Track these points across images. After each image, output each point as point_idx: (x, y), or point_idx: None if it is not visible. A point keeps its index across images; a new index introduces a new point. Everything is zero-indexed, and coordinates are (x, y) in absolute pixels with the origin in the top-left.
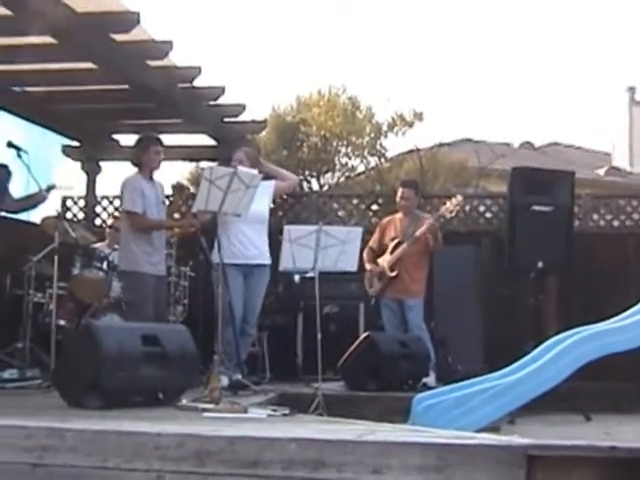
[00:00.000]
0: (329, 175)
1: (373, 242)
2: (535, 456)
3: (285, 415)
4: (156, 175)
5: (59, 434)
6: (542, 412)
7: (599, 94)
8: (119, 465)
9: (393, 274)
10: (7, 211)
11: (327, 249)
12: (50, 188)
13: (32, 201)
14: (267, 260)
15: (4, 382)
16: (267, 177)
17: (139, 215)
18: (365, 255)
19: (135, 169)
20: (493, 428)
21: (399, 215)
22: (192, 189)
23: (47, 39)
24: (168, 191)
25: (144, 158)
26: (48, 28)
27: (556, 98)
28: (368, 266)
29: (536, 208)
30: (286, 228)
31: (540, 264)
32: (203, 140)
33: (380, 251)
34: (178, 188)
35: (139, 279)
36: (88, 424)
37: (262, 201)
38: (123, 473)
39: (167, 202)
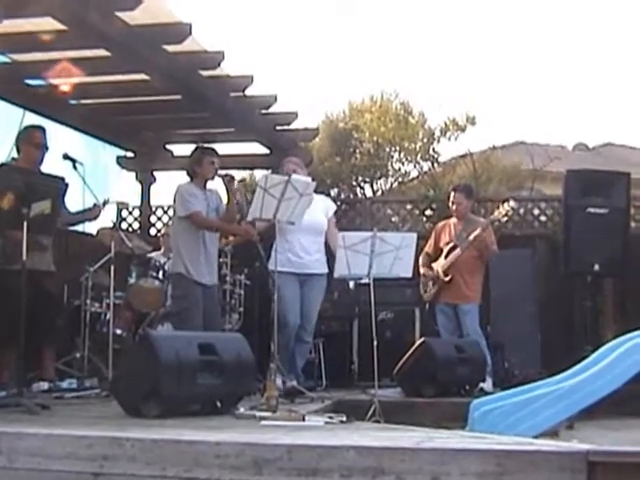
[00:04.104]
0: (382, 181)
1: (428, 247)
2: (596, 462)
3: (342, 422)
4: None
5: (119, 443)
6: (601, 417)
7: None
8: (179, 474)
9: (447, 279)
10: (62, 224)
11: (382, 255)
12: (105, 203)
13: (88, 215)
14: (324, 269)
15: (63, 392)
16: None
17: (199, 213)
18: (421, 260)
19: (189, 180)
20: (552, 433)
21: (453, 219)
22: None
23: (101, 52)
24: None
25: (198, 169)
26: (102, 41)
27: (609, 98)
28: (423, 271)
29: (591, 210)
30: (340, 235)
31: (596, 267)
32: (256, 148)
33: (435, 256)
34: (225, 177)
35: (187, 286)
36: (147, 433)
37: (319, 214)
38: None
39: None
